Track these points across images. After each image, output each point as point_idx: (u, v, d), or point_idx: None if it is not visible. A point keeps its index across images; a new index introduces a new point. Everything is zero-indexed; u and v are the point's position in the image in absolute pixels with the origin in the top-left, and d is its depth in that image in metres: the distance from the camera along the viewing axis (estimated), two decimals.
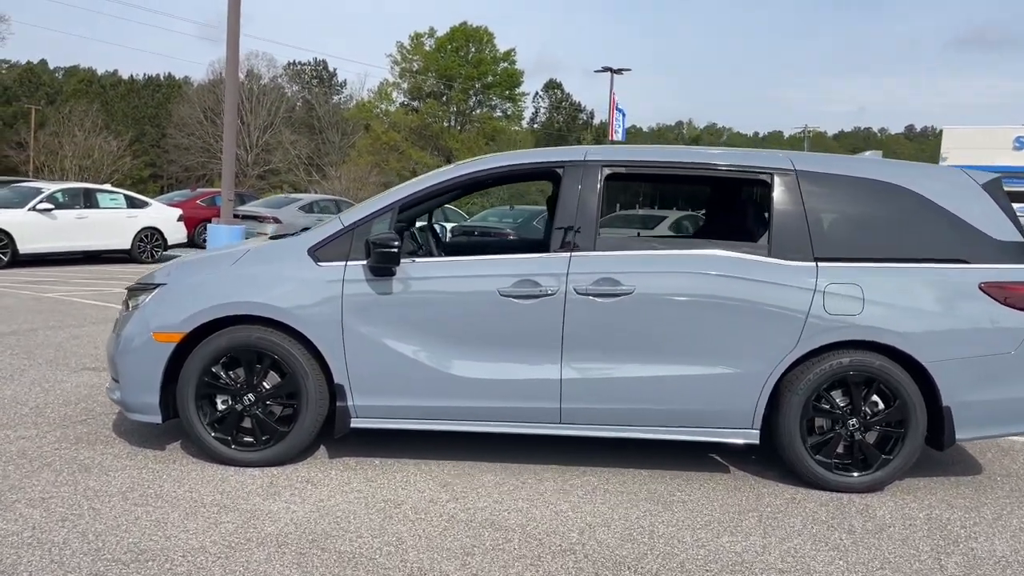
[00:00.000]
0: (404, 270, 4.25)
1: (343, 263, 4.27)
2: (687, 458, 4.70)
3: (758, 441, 4.27)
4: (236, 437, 4.29)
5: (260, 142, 52.83)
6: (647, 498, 4.07)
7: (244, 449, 4.28)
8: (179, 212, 16.84)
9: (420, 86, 59.48)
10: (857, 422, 4.22)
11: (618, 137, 36.25)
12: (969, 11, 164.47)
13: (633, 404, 4.21)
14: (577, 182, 4.37)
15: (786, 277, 4.18)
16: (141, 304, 4.38)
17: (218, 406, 4.29)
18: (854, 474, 4.24)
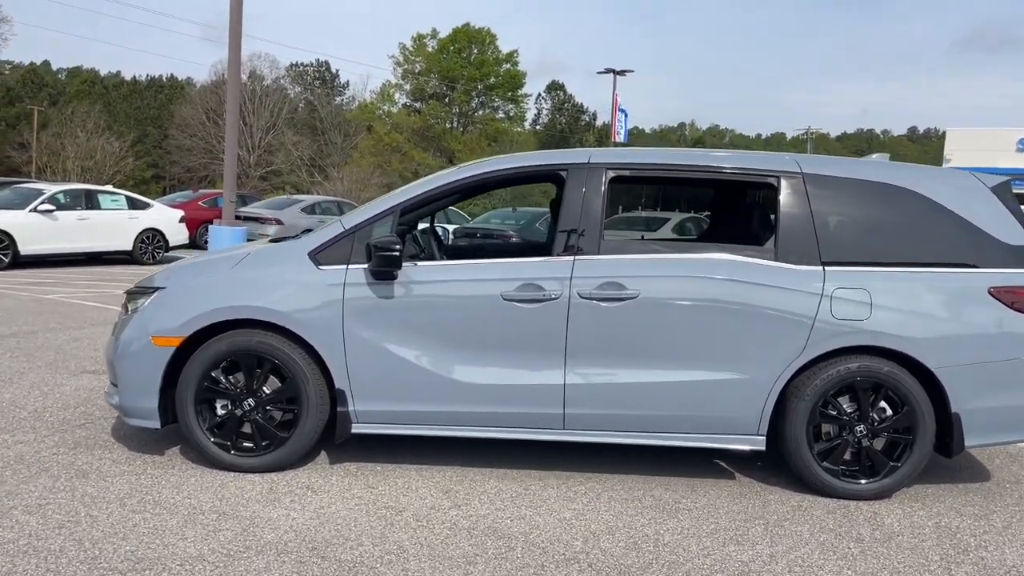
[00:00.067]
0: (406, 274, 4.20)
1: (344, 266, 4.22)
2: (692, 464, 4.65)
3: (764, 447, 4.22)
4: (236, 442, 4.24)
5: (263, 143, 52.84)
6: (652, 505, 4.02)
7: (244, 455, 4.23)
8: (181, 213, 16.79)
9: (422, 87, 59.45)
10: (865, 428, 4.16)
11: (620, 139, 36.18)
12: (973, 13, 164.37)
13: (638, 410, 4.16)
14: (581, 185, 4.32)
15: (793, 281, 4.13)
16: (140, 308, 4.34)
17: (217, 411, 4.24)
18: (861, 481, 4.18)
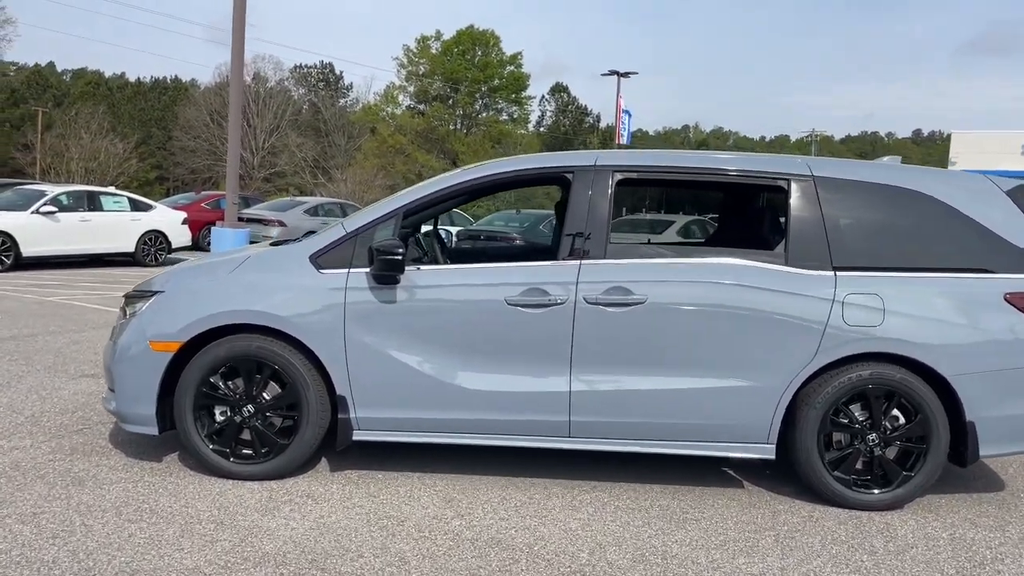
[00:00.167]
0: (408, 278, 4.12)
1: (346, 270, 4.14)
2: (699, 472, 4.55)
3: (774, 456, 4.13)
4: (235, 450, 4.16)
5: (266, 145, 52.86)
6: (659, 515, 3.93)
7: (243, 462, 4.15)
8: (183, 215, 16.75)
9: (426, 89, 59.43)
10: (877, 437, 4.07)
11: (624, 141, 36.10)
12: (979, 15, 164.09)
13: (645, 418, 4.07)
14: (587, 187, 4.24)
15: (803, 287, 4.04)
16: (138, 312, 4.26)
17: (216, 417, 4.16)
18: (874, 491, 4.09)
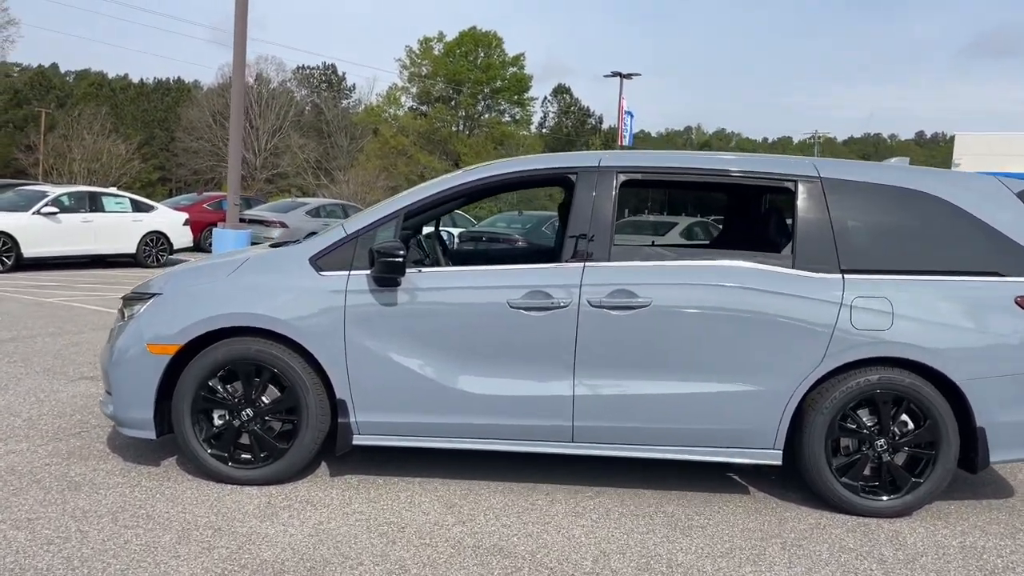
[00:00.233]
0: (409, 280, 4.06)
1: (346, 272, 4.09)
2: (704, 478, 4.49)
3: (780, 462, 4.06)
4: (233, 454, 4.10)
5: (269, 146, 52.86)
6: (664, 522, 3.86)
7: (242, 467, 4.09)
8: (185, 216, 16.70)
9: (429, 90, 59.35)
10: (885, 443, 4.00)
11: (626, 142, 36.03)
12: (982, 16, 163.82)
13: (649, 423, 4.01)
14: (591, 189, 4.18)
15: (811, 290, 3.97)
16: (136, 314, 4.21)
17: (215, 421, 4.10)
18: (883, 498, 4.02)
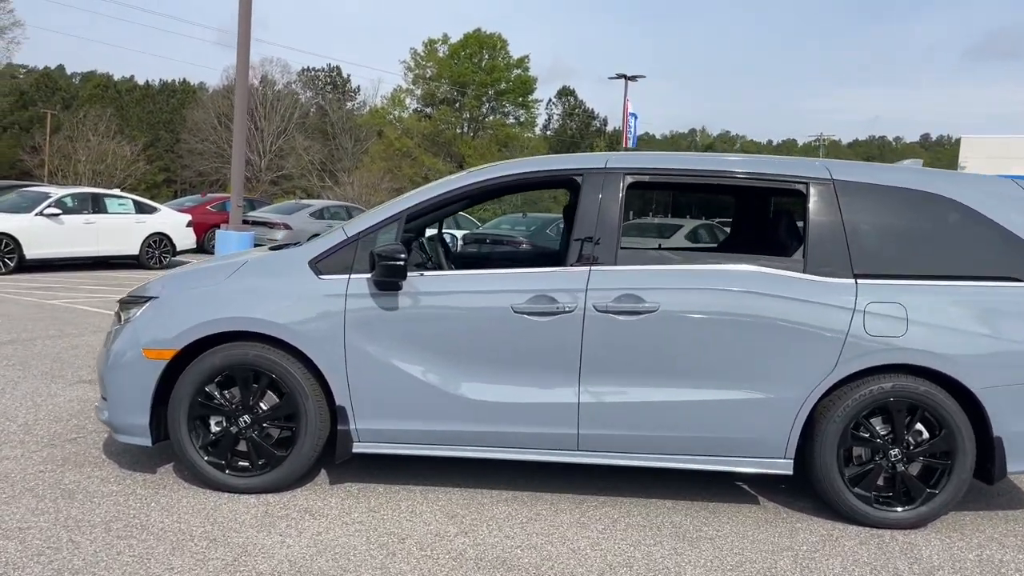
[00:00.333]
0: (411, 284, 3.97)
1: (346, 276, 4.00)
2: (712, 487, 4.38)
3: (791, 472, 3.96)
4: (231, 461, 4.01)
5: (273, 147, 52.88)
6: (672, 533, 3.76)
7: (239, 474, 4.00)
8: (188, 218, 16.63)
9: (433, 92, 59.32)
10: (899, 452, 3.89)
11: (630, 144, 35.92)
12: (987, 18, 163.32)
13: (656, 431, 3.91)
14: (597, 191, 4.08)
15: (823, 295, 3.87)
16: (132, 318, 4.12)
17: (212, 428, 4.02)
18: (897, 509, 3.91)
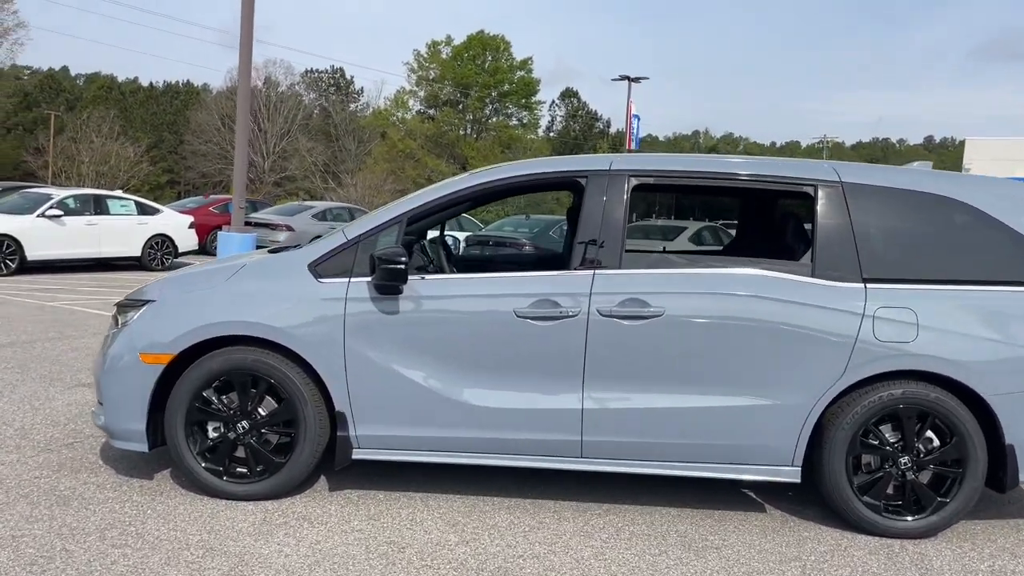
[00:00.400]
0: (412, 287, 3.90)
1: (346, 279, 3.93)
2: (718, 494, 4.31)
3: (799, 479, 3.88)
4: (229, 468, 3.95)
5: (277, 149, 52.88)
6: (677, 543, 3.69)
7: (237, 481, 3.94)
8: (190, 219, 16.59)
9: (436, 94, 59.25)
10: (909, 460, 3.82)
11: (634, 146, 35.85)
12: (989, 22, 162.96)
13: (661, 438, 3.83)
14: (602, 193, 4.01)
15: (832, 300, 3.80)
16: (129, 321, 4.06)
17: (210, 434, 3.95)
18: (907, 518, 3.83)
